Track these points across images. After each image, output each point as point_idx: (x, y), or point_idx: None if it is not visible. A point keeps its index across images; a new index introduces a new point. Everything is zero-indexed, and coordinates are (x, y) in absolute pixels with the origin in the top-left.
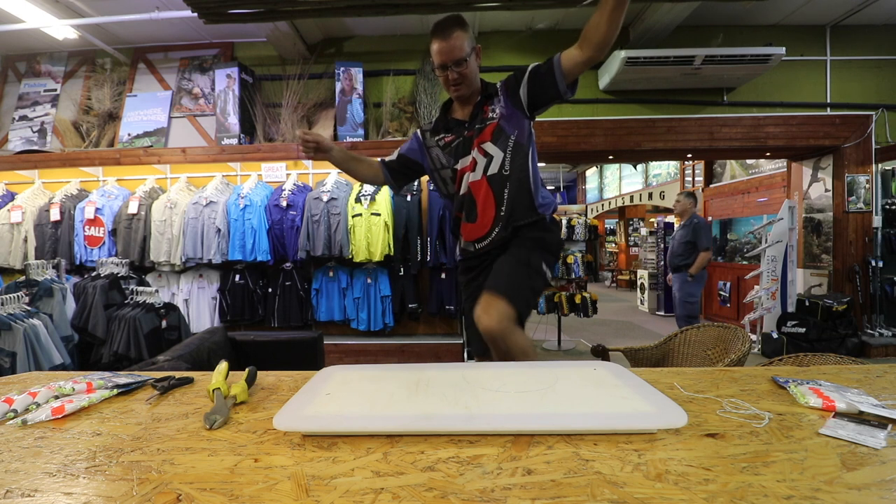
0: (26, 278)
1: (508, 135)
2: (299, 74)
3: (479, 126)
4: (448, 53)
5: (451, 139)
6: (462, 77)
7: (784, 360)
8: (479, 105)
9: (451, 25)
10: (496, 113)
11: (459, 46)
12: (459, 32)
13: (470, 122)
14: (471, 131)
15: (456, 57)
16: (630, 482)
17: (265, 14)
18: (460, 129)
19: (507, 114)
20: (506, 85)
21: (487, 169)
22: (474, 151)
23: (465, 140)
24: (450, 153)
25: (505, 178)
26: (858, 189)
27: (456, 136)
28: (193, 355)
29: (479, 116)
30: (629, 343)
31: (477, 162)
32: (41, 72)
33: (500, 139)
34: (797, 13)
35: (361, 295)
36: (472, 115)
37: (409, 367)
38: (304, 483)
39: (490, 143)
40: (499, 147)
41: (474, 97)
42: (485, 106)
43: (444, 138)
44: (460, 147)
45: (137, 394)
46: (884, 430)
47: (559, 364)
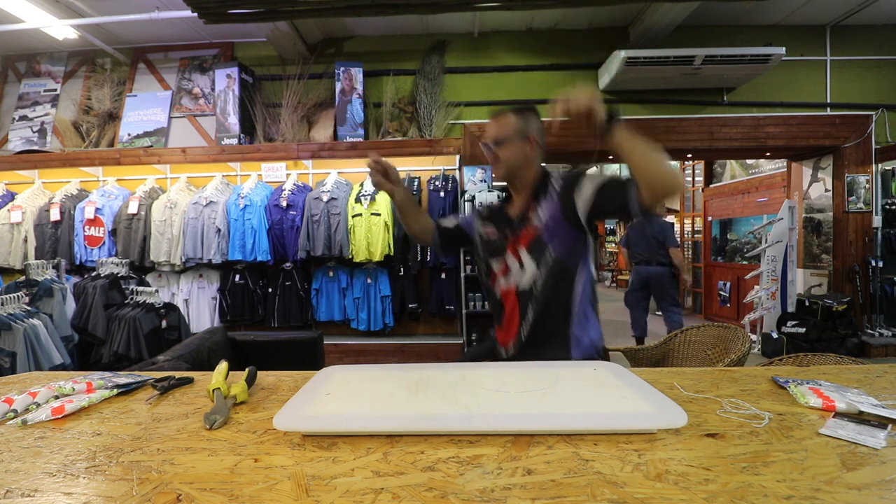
0: (26, 278)
1: (548, 248)
2: (299, 74)
3: (519, 228)
4: (490, 131)
5: (491, 233)
6: (496, 159)
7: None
8: (527, 204)
9: (508, 111)
10: (540, 219)
11: (503, 126)
12: (512, 118)
13: (517, 221)
14: (512, 231)
15: (494, 135)
16: (630, 482)
17: (265, 14)
18: (504, 226)
19: (553, 224)
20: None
21: (520, 281)
22: (508, 255)
23: (502, 239)
24: (486, 247)
25: (534, 299)
26: (858, 189)
27: (497, 233)
28: (193, 355)
29: (526, 216)
30: (629, 343)
31: (509, 268)
32: (41, 72)
33: (535, 250)
34: (797, 13)
35: (361, 295)
36: (519, 215)
37: (409, 367)
38: (304, 483)
39: (526, 251)
40: (533, 259)
41: (524, 189)
42: (535, 205)
43: (487, 231)
44: (496, 245)
45: (137, 394)
46: (884, 430)
47: (559, 364)
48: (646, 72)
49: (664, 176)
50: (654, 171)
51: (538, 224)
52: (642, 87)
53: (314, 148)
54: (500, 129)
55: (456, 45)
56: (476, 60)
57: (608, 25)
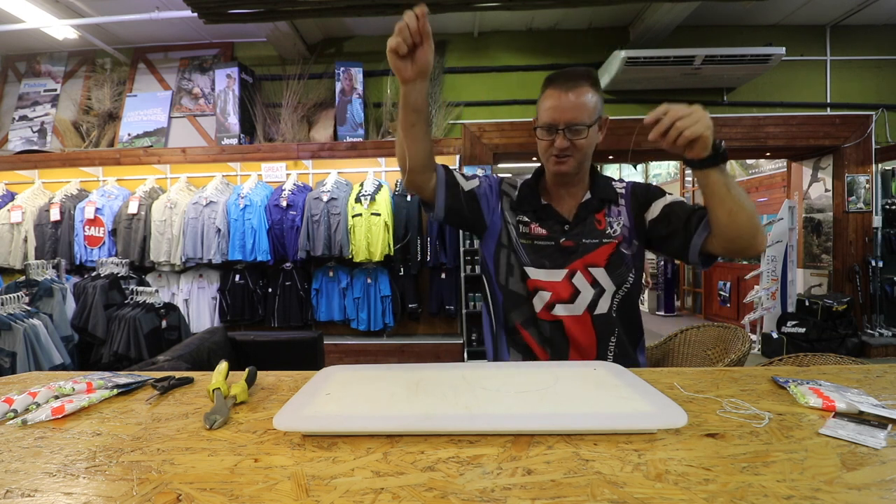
0: (26, 278)
1: (629, 266)
2: (299, 74)
3: (587, 239)
4: (567, 110)
5: (538, 232)
6: (574, 149)
7: (784, 360)
8: (588, 206)
9: (581, 77)
10: (616, 230)
11: (585, 106)
12: (590, 89)
13: (573, 225)
14: (570, 240)
15: (576, 119)
16: (630, 482)
17: (265, 14)
18: (556, 226)
19: (630, 238)
20: (633, 195)
21: (595, 306)
22: (576, 274)
23: (561, 249)
24: (531, 252)
25: (613, 324)
26: (858, 189)
27: (549, 234)
28: (193, 355)
29: (589, 223)
30: None
31: (578, 290)
32: (41, 72)
33: (618, 269)
34: (797, 13)
35: (361, 295)
36: (576, 216)
37: (409, 367)
38: (304, 483)
39: (604, 270)
40: (614, 280)
41: (579, 187)
42: (599, 211)
43: (529, 225)
44: (550, 254)
45: (137, 394)
46: (884, 430)
47: (559, 364)
48: (646, 72)
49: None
50: (742, 223)
51: (614, 235)
52: (642, 87)
53: (314, 148)
54: (580, 107)
55: (456, 45)
56: (476, 60)
57: (608, 25)
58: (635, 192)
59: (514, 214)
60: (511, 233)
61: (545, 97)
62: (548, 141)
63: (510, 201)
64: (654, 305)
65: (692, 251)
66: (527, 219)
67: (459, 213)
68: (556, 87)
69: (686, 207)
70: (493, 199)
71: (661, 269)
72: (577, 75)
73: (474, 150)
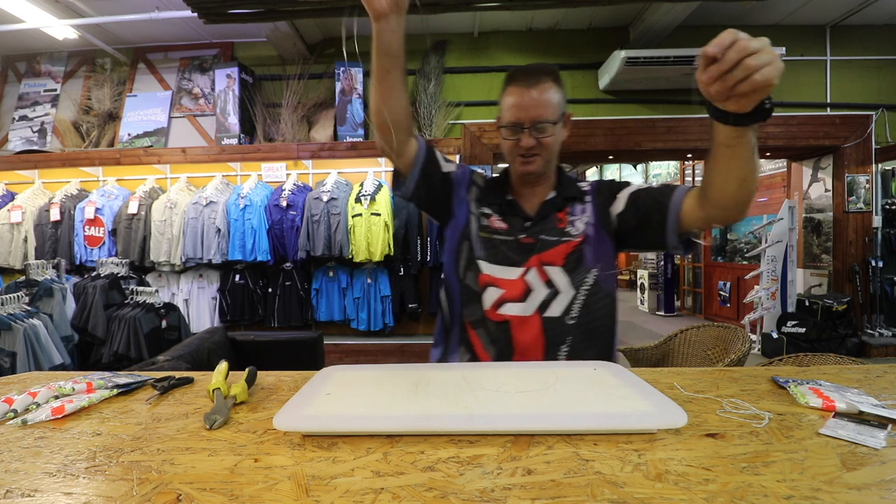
0: (26, 278)
1: (589, 267)
2: (299, 74)
3: (546, 236)
4: (531, 108)
5: (499, 226)
6: (541, 148)
7: (784, 360)
8: (551, 204)
9: (544, 74)
10: (578, 228)
11: (549, 103)
12: (553, 85)
13: (535, 222)
14: (530, 237)
15: (541, 116)
16: (630, 482)
17: (265, 14)
18: (517, 222)
19: (596, 237)
20: (598, 192)
21: (546, 307)
22: (530, 271)
23: (519, 245)
24: (489, 246)
25: (566, 331)
26: (858, 189)
27: (509, 229)
28: (193, 355)
29: (550, 220)
30: (629, 343)
31: (531, 289)
32: (41, 72)
33: (577, 270)
34: (797, 13)
35: (361, 295)
36: (538, 213)
37: (409, 367)
38: (304, 483)
39: (561, 269)
40: (572, 281)
41: (545, 186)
42: (562, 210)
43: (490, 217)
44: (508, 250)
45: (137, 394)
46: (884, 430)
47: (559, 364)
48: (646, 72)
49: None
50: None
51: (576, 234)
52: (642, 87)
53: (314, 148)
54: (545, 104)
55: (456, 45)
56: (476, 60)
57: (608, 25)
58: (600, 188)
59: (478, 206)
60: (472, 224)
61: (507, 95)
62: (513, 141)
63: (477, 192)
64: (654, 305)
65: (670, 235)
66: (489, 211)
67: (431, 192)
68: (518, 85)
69: (652, 191)
70: (463, 188)
71: (661, 269)
72: (540, 71)
73: (474, 150)
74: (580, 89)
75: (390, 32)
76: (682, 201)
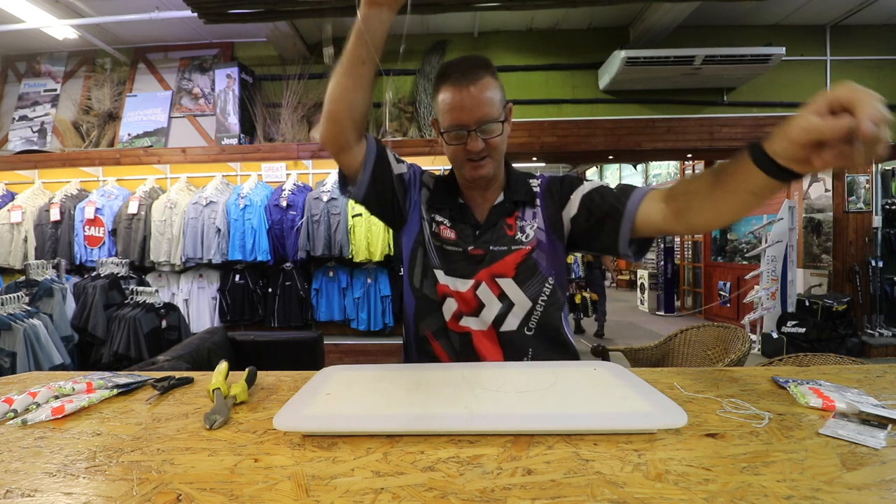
0: (26, 278)
1: (545, 276)
2: (299, 74)
3: (495, 247)
4: (474, 108)
5: (448, 235)
6: (491, 149)
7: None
8: (500, 209)
9: (479, 67)
10: (528, 235)
11: (491, 100)
12: (491, 79)
13: (483, 230)
14: (479, 248)
15: (487, 115)
16: (630, 482)
17: (265, 14)
18: (467, 230)
19: (548, 242)
20: (548, 193)
21: (501, 321)
22: (481, 286)
23: (468, 257)
24: (442, 256)
25: (526, 344)
26: (858, 189)
27: (458, 239)
28: (193, 355)
29: (499, 228)
30: (629, 343)
31: (483, 304)
32: (41, 72)
33: (530, 280)
34: (797, 13)
35: (361, 295)
36: (487, 220)
37: (409, 367)
38: (304, 483)
39: (512, 281)
40: (526, 293)
41: (494, 188)
42: (511, 215)
43: (440, 226)
44: (458, 261)
45: (137, 394)
46: (884, 430)
47: (559, 364)
48: (646, 72)
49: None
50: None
51: (525, 241)
52: (642, 87)
53: (314, 148)
54: (487, 102)
55: (456, 45)
56: None
57: (608, 25)
58: (550, 189)
59: (429, 211)
60: (426, 231)
61: (443, 95)
62: (459, 146)
63: (427, 195)
64: (654, 305)
65: (622, 242)
66: (439, 218)
67: (382, 196)
68: (454, 84)
69: (606, 195)
70: (415, 191)
71: (661, 269)
72: (474, 65)
73: None
74: (580, 89)
75: (379, 22)
76: (638, 208)
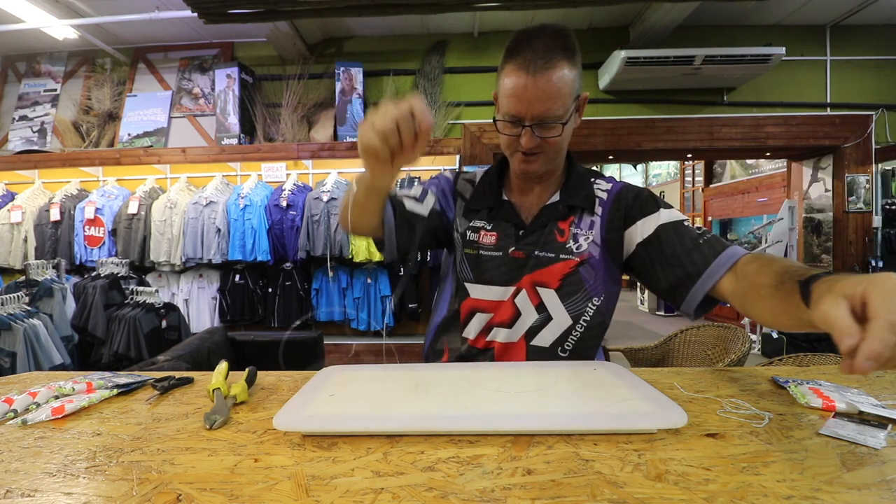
0: (26, 278)
1: (591, 295)
2: (299, 74)
3: (541, 252)
4: (536, 102)
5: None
6: (547, 146)
7: (784, 360)
8: (552, 210)
9: (555, 51)
10: (581, 246)
11: (559, 94)
12: (566, 65)
13: (529, 232)
14: (521, 250)
15: (548, 112)
16: (630, 482)
17: (265, 14)
18: (509, 230)
19: (601, 260)
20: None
21: (535, 334)
22: (521, 293)
23: (509, 261)
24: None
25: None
26: (858, 189)
27: (497, 243)
28: (193, 355)
29: (549, 232)
30: (629, 343)
31: (520, 313)
32: (41, 72)
33: (575, 296)
34: (797, 13)
35: (361, 295)
36: (535, 221)
37: (409, 367)
38: (304, 483)
39: (555, 293)
40: (569, 309)
41: (549, 184)
42: (566, 219)
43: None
44: (495, 267)
45: (137, 394)
46: (884, 430)
47: (559, 364)
48: (646, 72)
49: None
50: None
51: (578, 250)
52: (642, 87)
53: (314, 148)
54: (553, 96)
55: (456, 45)
56: (476, 60)
57: (608, 25)
58: (620, 198)
59: (466, 221)
60: (457, 246)
61: (506, 75)
62: (512, 137)
63: (463, 204)
64: (654, 305)
65: (689, 301)
66: (478, 223)
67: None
68: (520, 67)
69: (687, 235)
70: (450, 210)
71: None
72: (549, 48)
73: (474, 150)
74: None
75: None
76: (722, 278)
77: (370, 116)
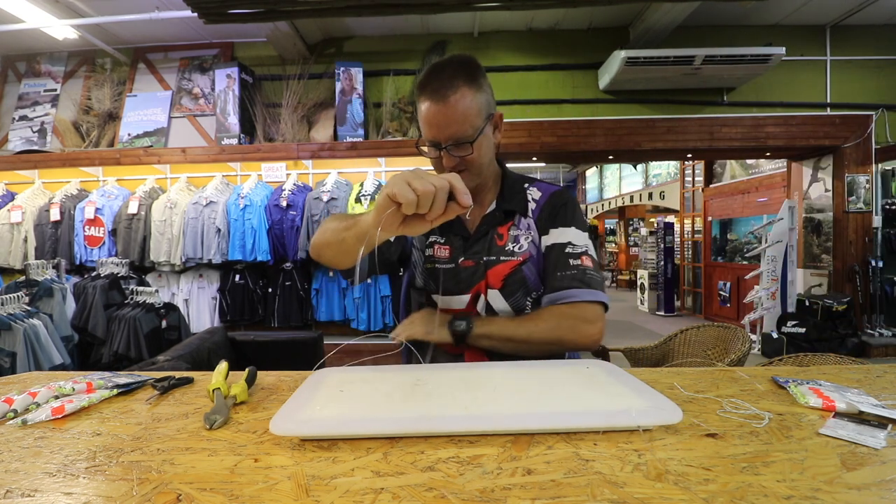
0: (26, 278)
1: (531, 287)
2: (299, 74)
3: (488, 257)
4: (445, 126)
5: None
6: (466, 163)
7: (784, 360)
8: (492, 218)
9: (455, 78)
10: (522, 246)
11: (465, 116)
12: (465, 89)
13: (474, 241)
14: (470, 259)
15: (458, 133)
16: (630, 482)
17: (265, 14)
18: (458, 242)
19: (537, 255)
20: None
21: None
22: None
23: (462, 271)
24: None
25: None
26: (858, 189)
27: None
28: (193, 355)
29: (490, 238)
30: (629, 343)
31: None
32: (41, 72)
33: (517, 294)
34: (797, 13)
35: (361, 295)
36: (478, 230)
37: (409, 368)
38: (304, 483)
39: (499, 293)
40: (511, 303)
41: (486, 194)
42: (504, 224)
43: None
44: (452, 278)
45: (137, 394)
46: (884, 430)
47: (558, 364)
48: (646, 72)
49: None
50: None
51: (517, 251)
52: (642, 87)
53: (314, 148)
54: (459, 119)
55: (456, 45)
56: None
57: (608, 25)
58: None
59: (424, 237)
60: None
61: (419, 105)
62: (435, 159)
63: None
64: (654, 305)
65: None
66: (433, 238)
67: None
68: (428, 97)
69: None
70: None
71: (661, 269)
72: (449, 76)
73: None
74: (580, 89)
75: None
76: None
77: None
